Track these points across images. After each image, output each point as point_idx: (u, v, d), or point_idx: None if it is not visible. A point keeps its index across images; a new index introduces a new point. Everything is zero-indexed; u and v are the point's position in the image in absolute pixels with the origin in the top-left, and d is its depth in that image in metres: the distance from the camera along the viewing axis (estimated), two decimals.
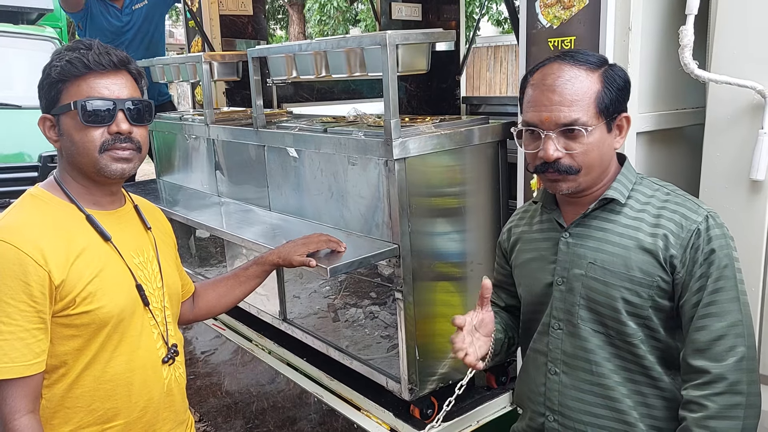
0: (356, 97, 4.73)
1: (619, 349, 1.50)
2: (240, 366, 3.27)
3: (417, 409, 2.42)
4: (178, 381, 1.70)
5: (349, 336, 2.66)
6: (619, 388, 1.50)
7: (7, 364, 1.38)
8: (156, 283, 1.65)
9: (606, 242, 1.49)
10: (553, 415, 1.59)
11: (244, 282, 1.98)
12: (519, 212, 1.78)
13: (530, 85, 1.50)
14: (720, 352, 1.37)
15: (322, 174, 2.52)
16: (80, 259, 1.47)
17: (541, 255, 1.62)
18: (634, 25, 1.90)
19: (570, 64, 1.45)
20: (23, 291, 1.39)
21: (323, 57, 2.40)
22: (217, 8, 4.35)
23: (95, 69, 1.48)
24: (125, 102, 1.51)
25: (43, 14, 6.88)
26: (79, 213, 1.53)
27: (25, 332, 1.40)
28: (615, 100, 1.46)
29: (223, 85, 4.34)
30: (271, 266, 1.99)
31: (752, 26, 1.76)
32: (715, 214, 1.45)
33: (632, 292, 1.45)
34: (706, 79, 1.77)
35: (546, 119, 1.44)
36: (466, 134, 2.32)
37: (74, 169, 1.55)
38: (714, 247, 1.40)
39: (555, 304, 1.57)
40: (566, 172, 1.46)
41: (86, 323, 1.47)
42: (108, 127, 1.49)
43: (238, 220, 2.85)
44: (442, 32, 2.30)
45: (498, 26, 14.14)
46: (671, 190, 1.52)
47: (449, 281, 2.40)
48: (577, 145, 1.43)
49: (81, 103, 1.47)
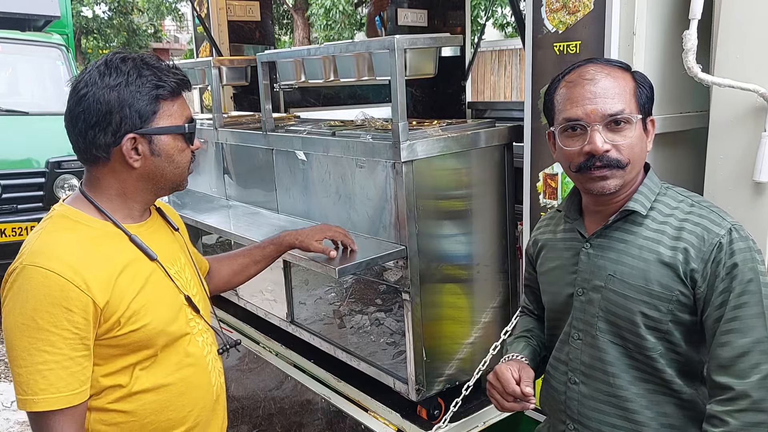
0: (362, 102, 4.76)
1: (637, 361, 1.48)
2: (247, 371, 3.28)
3: (424, 409, 2.43)
4: (222, 387, 1.71)
5: (354, 342, 2.67)
6: (638, 400, 1.48)
7: (54, 395, 1.35)
8: (192, 290, 1.63)
9: (626, 254, 1.47)
10: (573, 423, 1.58)
11: (260, 261, 2.00)
12: (545, 219, 1.77)
13: (566, 85, 1.48)
14: (744, 369, 1.34)
15: (330, 177, 2.55)
16: (122, 276, 1.44)
17: (563, 264, 1.61)
18: (638, 30, 1.93)
19: (603, 64, 1.47)
20: (66, 318, 1.35)
21: (332, 61, 2.43)
22: (225, 14, 4.38)
23: (186, 91, 1.56)
24: (192, 121, 1.57)
25: (50, 21, 6.90)
26: (115, 229, 1.49)
27: (69, 360, 1.36)
28: (649, 98, 1.47)
29: (230, 90, 4.38)
30: (287, 248, 2.00)
31: (755, 30, 1.78)
32: (740, 227, 1.41)
33: (651, 306, 1.43)
34: (709, 82, 1.79)
35: (592, 111, 1.42)
36: (473, 137, 2.34)
37: (145, 185, 1.53)
38: (737, 261, 1.37)
39: (575, 315, 1.56)
40: (616, 166, 1.43)
41: (134, 341, 1.45)
42: (191, 146, 1.58)
43: (246, 222, 2.88)
44: (449, 37, 2.34)
45: (502, 30, 14.16)
46: (696, 201, 1.49)
47: (456, 283, 2.42)
48: (622, 137, 1.42)
49: (187, 125, 1.53)
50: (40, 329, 1.34)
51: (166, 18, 19.81)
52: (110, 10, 18.58)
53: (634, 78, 1.48)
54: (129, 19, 18.93)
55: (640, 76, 1.50)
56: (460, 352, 2.45)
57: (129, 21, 18.95)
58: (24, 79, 6.45)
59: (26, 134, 5.76)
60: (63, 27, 7.25)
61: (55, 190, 5.64)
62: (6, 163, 5.51)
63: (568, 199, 1.64)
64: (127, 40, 18.79)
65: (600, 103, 1.42)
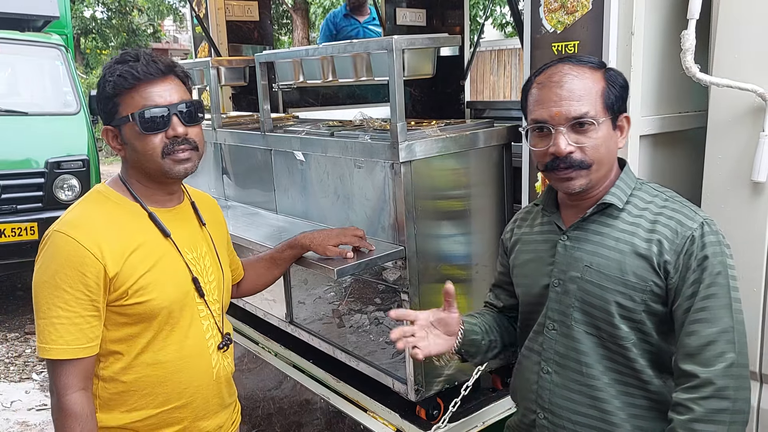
0: (361, 101, 4.76)
1: (610, 351, 1.52)
2: (246, 371, 3.29)
3: (423, 410, 2.44)
4: (226, 369, 1.80)
5: (353, 342, 2.67)
6: (607, 389, 1.53)
7: (62, 346, 1.52)
8: (208, 277, 1.75)
9: (602, 246, 1.51)
10: (544, 412, 1.62)
11: (280, 264, 2.12)
12: (522, 213, 1.81)
13: (536, 86, 1.53)
14: (709, 358, 1.39)
15: (329, 177, 2.55)
16: (135, 254, 1.59)
17: (539, 256, 1.65)
18: (636, 30, 1.93)
19: (573, 64, 1.50)
20: (80, 281, 1.52)
21: (330, 62, 2.43)
22: (224, 14, 4.38)
23: (145, 79, 1.57)
24: (177, 106, 1.60)
25: (50, 21, 6.88)
26: (140, 210, 1.65)
27: (80, 318, 1.53)
28: (618, 98, 1.50)
29: (229, 90, 4.38)
30: (303, 250, 2.09)
31: (753, 30, 1.79)
32: (711, 222, 1.47)
33: (626, 296, 1.47)
34: (707, 82, 1.79)
35: (556, 114, 1.47)
36: (471, 137, 2.34)
37: (139, 172, 1.66)
38: (707, 254, 1.42)
39: (550, 305, 1.60)
40: (579, 167, 1.48)
41: (138, 313, 1.59)
42: (165, 132, 1.59)
43: (245, 222, 2.88)
44: (447, 37, 2.33)
45: (501, 30, 14.16)
46: (670, 196, 1.54)
47: (454, 283, 2.39)
48: (587, 139, 1.46)
49: (138, 113, 1.57)
50: (58, 287, 1.52)
51: (166, 18, 19.78)
52: (109, 10, 18.55)
53: (606, 76, 1.50)
54: (128, 20, 18.91)
55: (612, 75, 1.52)
56: None
57: (128, 21, 18.93)
58: (23, 80, 6.44)
59: (25, 135, 5.76)
60: (62, 27, 7.24)
61: (55, 190, 5.63)
62: (5, 163, 5.50)
63: (546, 193, 1.68)
64: (126, 40, 18.77)
65: (564, 105, 1.46)
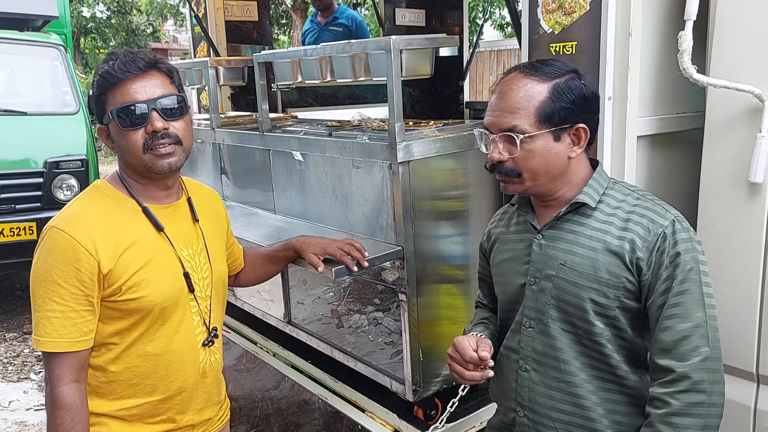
0: (360, 101, 4.76)
1: (586, 348, 1.54)
2: (244, 371, 3.29)
3: (421, 410, 2.44)
4: (213, 365, 1.82)
5: (352, 342, 2.67)
6: (585, 386, 1.55)
7: (55, 339, 1.56)
8: (202, 273, 1.78)
9: (576, 244, 1.54)
10: (524, 410, 1.64)
11: (276, 262, 2.15)
12: (498, 214, 1.83)
13: (492, 92, 1.58)
14: (684, 352, 1.41)
15: (327, 177, 2.55)
16: (129, 251, 1.62)
17: (515, 255, 1.67)
18: (634, 31, 1.93)
19: (525, 74, 1.52)
20: (75, 276, 1.55)
21: (328, 62, 2.43)
22: (223, 14, 4.39)
23: (123, 77, 1.58)
24: (156, 101, 1.60)
25: (49, 21, 6.89)
26: (136, 206, 1.68)
27: (73, 312, 1.57)
28: (562, 110, 1.49)
29: (228, 90, 4.38)
30: (294, 253, 2.10)
31: (750, 31, 1.79)
32: (681, 219, 1.49)
33: (599, 293, 1.50)
34: (704, 83, 1.80)
35: (492, 123, 1.53)
36: (469, 138, 2.34)
37: (129, 168, 1.68)
38: (680, 250, 1.44)
39: (527, 304, 1.62)
40: (507, 175, 1.54)
41: (131, 309, 1.63)
42: (144, 127, 1.60)
43: (243, 222, 2.88)
44: (445, 37, 2.33)
45: (500, 31, 14.16)
46: (642, 194, 1.56)
47: (452, 284, 2.42)
48: (516, 150, 1.50)
49: (116, 110, 1.59)
50: (53, 282, 1.55)
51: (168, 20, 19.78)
52: (108, 10, 18.55)
53: (552, 89, 1.48)
54: (128, 19, 18.91)
55: (560, 88, 1.49)
56: None
57: (128, 21, 18.93)
58: (22, 80, 6.43)
59: (24, 134, 5.76)
60: (61, 27, 7.24)
61: (53, 190, 5.64)
62: (4, 163, 5.50)
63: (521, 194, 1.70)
64: (125, 40, 18.77)
65: (498, 116, 1.52)
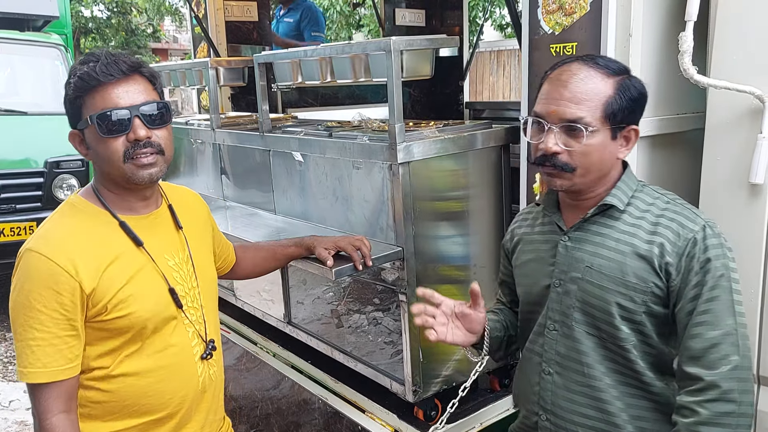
0: (360, 102, 4.75)
1: (611, 352, 1.52)
2: (245, 371, 3.28)
3: (421, 411, 2.43)
4: (213, 379, 1.73)
5: (352, 342, 2.67)
6: (609, 391, 1.52)
7: (40, 369, 1.45)
8: (191, 283, 1.68)
9: (603, 247, 1.51)
10: (546, 414, 1.62)
11: (281, 259, 2.09)
12: (522, 214, 1.81)
13: (547, 80, 1.52)
14: (714, 360, 1.38)
15: (327, 178, 2.55)
16: (112, 267, 1.52)
17: (540, 257, 1.64)
18: (634, 31, 1.93)
19: (588, 65, 1.48)
20: (55, 300, 1.45)
21: (328, 63, 2.43)
22: (223, 15, 4.38)
23: (105, 80, 1.48)
24: (140, 108, 1.51)
25: (49, 21, 6.90)
26: (113, 220, 1.57)
27: (57, 339, 1.46)
28: (624, 109, 1.46)
29: (228, 91, 4.37)
30: (306, 251, 2.06)
31: (751, 32, 1.79)
32: (713, 224, 1.46)
33: (626, 297, 1.47)
34: (705, 84, 1.79)
35: (552, 112, 1.47)
36: (469, 138, 2.34)
37: (106, 178, 1.58)
38: (710, 256, 1.41)
39: (551, 306, 1.60)
40: (562, 169, 1.48)
41: (119, 327, 1.53)
42: (126, 135, 1.50)
43: (243, 223, 2.88)
44: (445, 38, 2.33)
45: (500, 31, 14.16)
46: (671, 198, 1.53)
47: (452, 284, 2.42)
48: (576, 143, 1.45)
49: (96, 116, 1.48)
50: (33, 308, 1.45)
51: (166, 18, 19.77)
52: (108, 10, 18.53)
53: (618, 85, 1.46)
54: (127, 19, 18.90)
55: (625, 85, 1.47)
56: (457, 353, 2.45)
57: (127, 21, 18.92)
58: (23, 79, 6.45)
59: (25, 134, 5.77)
60: (62, 27, 7.26)
61: (54, 190, 5.64)
62: (4, 163, 5.51)
63: (547, 194, 1.67)
64: (125, 40, 18.77)
65: (562, 105, 1.46)
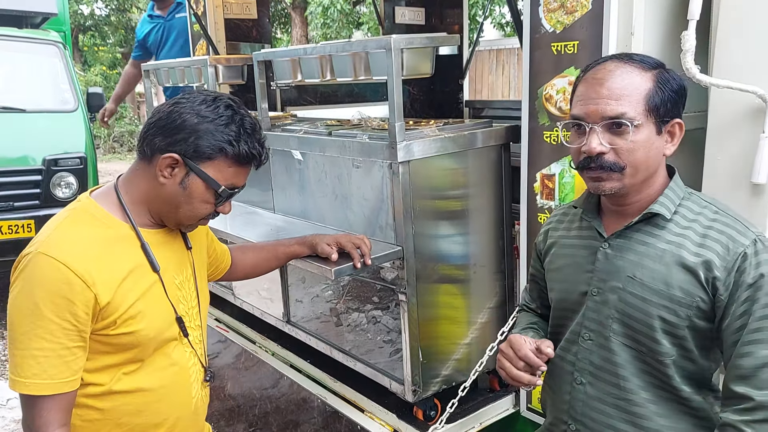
0: (360, 100, 4.74)
1: (648, 365, 1.46)
2: (243, 369, 3.28)
3: (420, 410, 2.43)
4: (203, 400, 1.74)
5: (351, 340, 2.67)
6: (648, 406, 1.47)
7: (45, 381, 1.40)
8: (192, 302, 1.69)
9: (647, 257, 1.45)
10: (576, 424, 1.57)
11: (282, 258, 2.09)
12: (557, 215, 1.74)
13: (581, 82, 1.48)
14: (764, 380, 1.31)
15: (327, 176, 2.54)
16: (127, 281, 1.49)
17: (576, 262, 1.58)
18: (636, 30, 1.92)
19: (624, 61, 1.44)
20: (68, 310, 1.40)
21: (328, 61, 2.42)
22: (222, 12, 4.36)
23: (258, 166, 1.60)
24: (241, 188, 1.61)
25: (48, 18, 6.88)
26: (130, 233, 1.55)
27: (65, 350, 1.41)
28: (667, 101, 1.42)
29: (227, 89, 4.36)
30: (309, 249, 2.07)
31: (754, 31, 1.78)
32: (764, 238, 1.39)
33: (670, 311, 1.41)
34: (707, 83, 1.78)
35: (592, 111, 1.41)
36: (469, 137, 2.34)
37: (152, 204, 1.58)
38: (763, 272, 1.35)
39: (587, 314, 1.54)
40: (610, 169, 1.41)
41: (123, 343, 1.50)
42: (216, 206, 1.59)
43: (242, 221, 2.87)
44: (446, 36, 2.32)
45: (500, 30, 14.15)
46: (720, 208, 1.47)
47: (452, 284, 2.41)
48: (622, 141, 1.40)
49: (228, 188, 1.55)
50: (42, 317, 1.38)
51: None
52: (107, 7, 18.51)
53: (656, 77, 1.42)
54: (127, 17, 18.87)
55: (665, 77, 1.43)
56: (457, 353, 2.44)
57: (127, 18, 18.89)
58: (21, 77, 6.42)
59: (23, 132, 5.74)
60: (60, 24, 7.23)
61: (52, 187, 5.62)
62: (3, 160, 5.49)
63: (586, 197, 1.61)
64: (124, 37, 18.74)
65: (602, 104, 1.40)
